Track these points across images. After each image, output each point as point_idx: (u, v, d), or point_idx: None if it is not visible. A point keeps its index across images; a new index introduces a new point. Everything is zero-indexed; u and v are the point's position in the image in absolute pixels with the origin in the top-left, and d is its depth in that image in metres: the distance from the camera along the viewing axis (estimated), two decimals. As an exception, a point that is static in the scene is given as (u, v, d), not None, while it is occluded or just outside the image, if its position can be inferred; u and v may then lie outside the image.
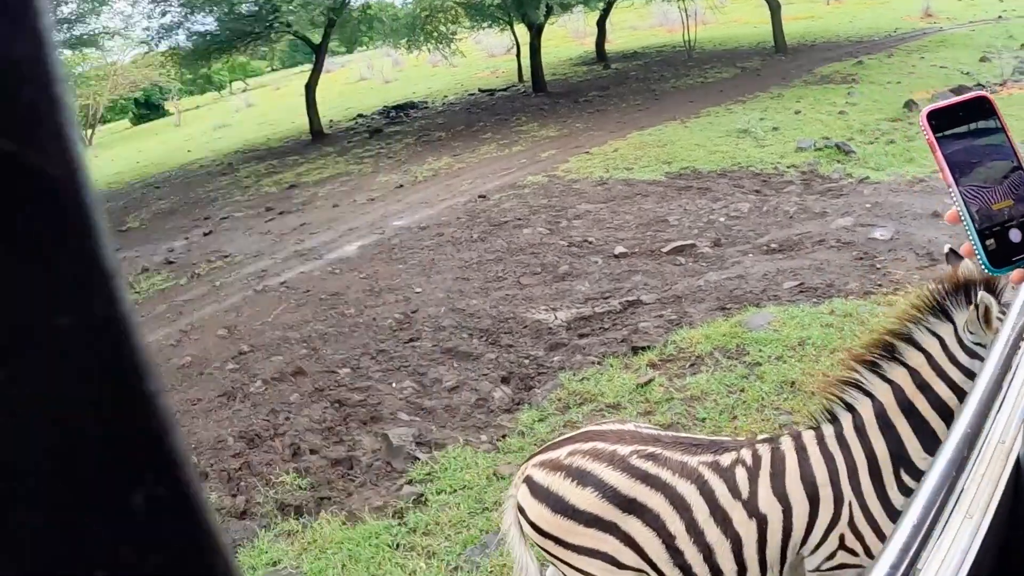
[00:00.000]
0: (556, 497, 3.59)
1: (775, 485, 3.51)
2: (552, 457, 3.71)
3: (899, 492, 3.43)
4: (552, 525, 3.61)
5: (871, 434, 3.44)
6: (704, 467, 3.59)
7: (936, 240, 9.79)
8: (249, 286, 12.04)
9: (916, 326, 3.38)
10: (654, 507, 3.53)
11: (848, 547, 3.49)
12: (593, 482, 3.55)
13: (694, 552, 3.52)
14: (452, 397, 7.88)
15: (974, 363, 3.24)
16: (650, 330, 8.50)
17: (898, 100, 18.43)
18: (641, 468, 3.57)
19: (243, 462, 7.06)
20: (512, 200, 14.36)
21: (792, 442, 3.62)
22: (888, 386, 3.40)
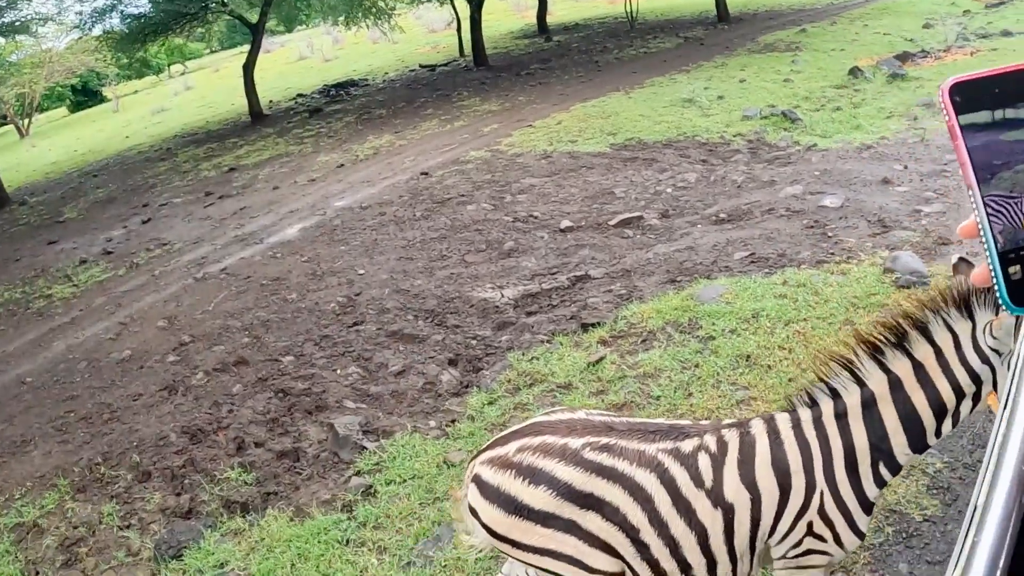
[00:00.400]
0: (508, 497, 3.38)
1: (743, 472, 3.32)
2: (500, 454, 3.49)
3: (874, 485, 3.32)
4: (507, 527, 3.40)
5: (853, 424, 3.29)
6: (664, 455, 3.39)
7: (887, 207, 9.73)
8: (189, 274, 11.75)
9: (935, 316, 3.20)
10: (613, 500, 3.33)
11: (816, 533, 3.34)
12: (546, 479, 3.34)
13: (660, 545, 3.34)
14: (399, 382, 7.65)
15: (983, 368, 3.11)
16: (599, 306, 8.30)
17: (843, 67, 18.45)
18: (596, 461, 3.37)
19: (187, 459, 6.80)
20: (455, 176, 14.14)
21: (764, 425, 3.43)
22: (885, 376, 3.25)
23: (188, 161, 21.95)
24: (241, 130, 25.25)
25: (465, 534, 3.71)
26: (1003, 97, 1.07)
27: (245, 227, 13.69)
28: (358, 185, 15.01)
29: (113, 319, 10.57)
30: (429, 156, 16.24)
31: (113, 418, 7.79)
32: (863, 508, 3.31)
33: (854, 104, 15.53)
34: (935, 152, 11.85)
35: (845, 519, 3.30)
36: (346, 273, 10.48)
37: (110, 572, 5.69)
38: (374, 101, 25.43)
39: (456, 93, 23.74)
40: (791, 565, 3.44)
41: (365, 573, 5.25)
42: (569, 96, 19.93)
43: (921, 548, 4.76)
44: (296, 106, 27.97)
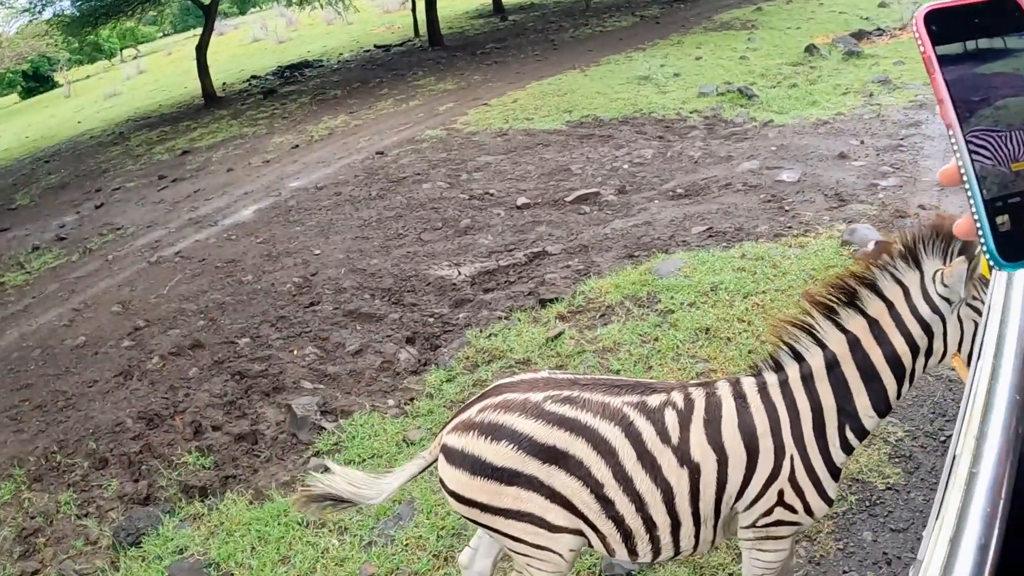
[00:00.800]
0: (472, 458, 3.30)
1: (709, 433, 3.25)
2: (464, 419, 3.42)
3: (842, 451, 3.27)
4: (472, 489, 3.33)
5: (819, 386, 3.23)
6: (629, 407, 3.31)
7: (843, 181, 9.75)
8: (143, 258, 11.61)
9: (882, 272, 3.15)
10: (576, 453, 3.26)
11: (787, 503, 3.28)
12: (507, 434, 3.27)
13: (625, 502, 3.27)
14: (356, 361, 7.57)
15: (934, 318, 3.08)
16: (557, 281, 8.25)
17: (798, 45, 18.46)
18: (557, 413, 3.29)
19: (144, 444, 6.72)
20: (410, 155, 14.04)
21: (730, 388, 3.36)
22: (843, 336, 3.20)
23: (141, 145, 21.71)
24: (194, 113, 25.00)
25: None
26: (981, 27, 0.98)
27: (199, 210, 13.53)
28: (313, 166, 14.88)
29: (67, 305, 10.42)
30: (384, 136, 16.12)
31: (68, 405, 7.68)
32: (831, 474, 3.27)
33: (810, 81, 15.53)
34: (891, 127, 11.89)
35: (815, 486, 3.25)
36: (302, 254, 10.38)
37: (69, 562, 5.59)
38: (329, 82, 25.26)
39: (411, 73, 23.62)
40: (760, 535, 3.39)
41: (326, 554, 5.19)
42: (525, 75, 19.88)
43: (884, 516, 4.75)
44: (250, 88, 27.74)
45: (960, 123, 0.95)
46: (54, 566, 5.57)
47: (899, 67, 15.50)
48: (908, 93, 13.55)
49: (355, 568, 5.01)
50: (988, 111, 0.95)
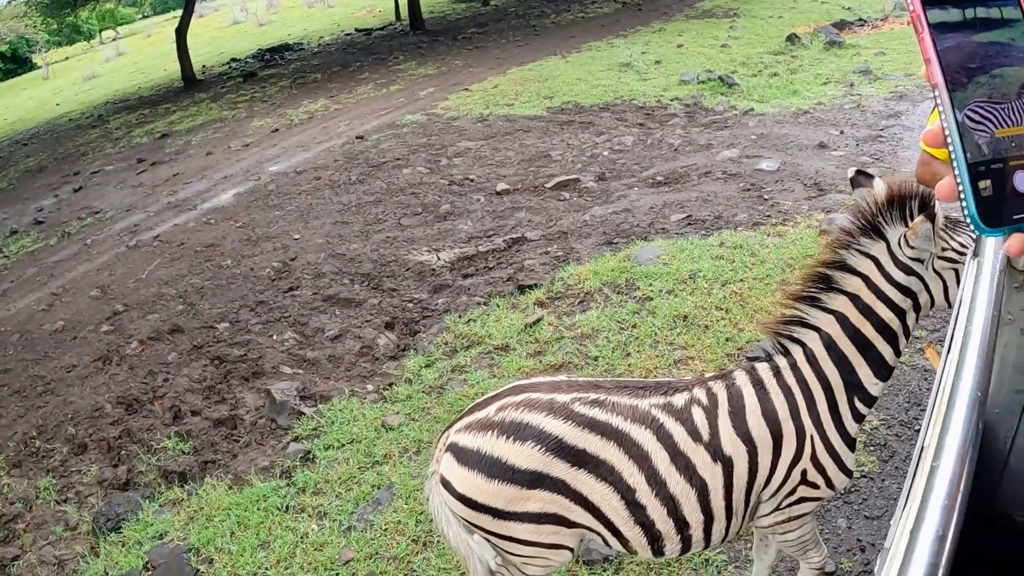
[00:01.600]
0: (490, 460, 3.14)
1: (736, 424, 3.23)
2: (479, 418, 3.26)
3: (854, 421, 3.30)
4: (488, 494, 3.16)
5: (824, 365, 3.24)
6: (657, 410, 3.24)
7: (823, 170, 9.79)
8: (122, 242, 11.53)
9: (847, 251, 3.17)
10: (608, 458, 3.15)
11: (810, 481, 3.31)
12: (533, 435, 3.12)
13: (657, 506, 3.19)
14: (335, 346, 7.57)
15: (910, 280, 3.11)
16: (536, 267, 8.27)
17: (780, 34, 18.52)
18: (587, 415, 3.17)
19: (123, 429, 6.69)
20: (391, 140, 14.00)
21: (747, 376, 3.34)
22: (832, 316, 3.22)
23: (120, 128, 21.56)
24: (174, 96, 24.83)
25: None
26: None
27: (178, 194, 13.45)
28: (293, 150, 14.81)
29: (45, 290, 10.37)
30: (365, 120, 16.06)
31: (47, 390, 7.64)
32: (848, 446, 3.30)
33: (791, 70, 15.59)
34: (871, 118, 11.95)
35: (835, 461, 3.28)
36: (281, 238, 10.34)
37: (48, 547, 5.58)
38: (309, 65, 25.14)
39: (392, 57, 23.53)
40: (783, 516, 3.41)
41: (305, 539, 5.20)
42: (506, 60, 19.83)
43: (859, 504, 4.80)
44: (230, 71, 27.57)
45: (947, 87, 0.95)
46: (34, 552, 5.56)
47: (880, 58, 15.57)
48: (889, 84, 13.62)
49: (334, 553, 5.02)
50: (984, 79, 0.94)
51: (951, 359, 1.45)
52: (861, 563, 4.40)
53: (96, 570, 5.25)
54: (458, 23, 28.59)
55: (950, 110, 0.93)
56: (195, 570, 5.11)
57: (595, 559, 4.59)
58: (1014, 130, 0.94)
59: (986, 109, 0.94)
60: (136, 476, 6.15)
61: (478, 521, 3.26)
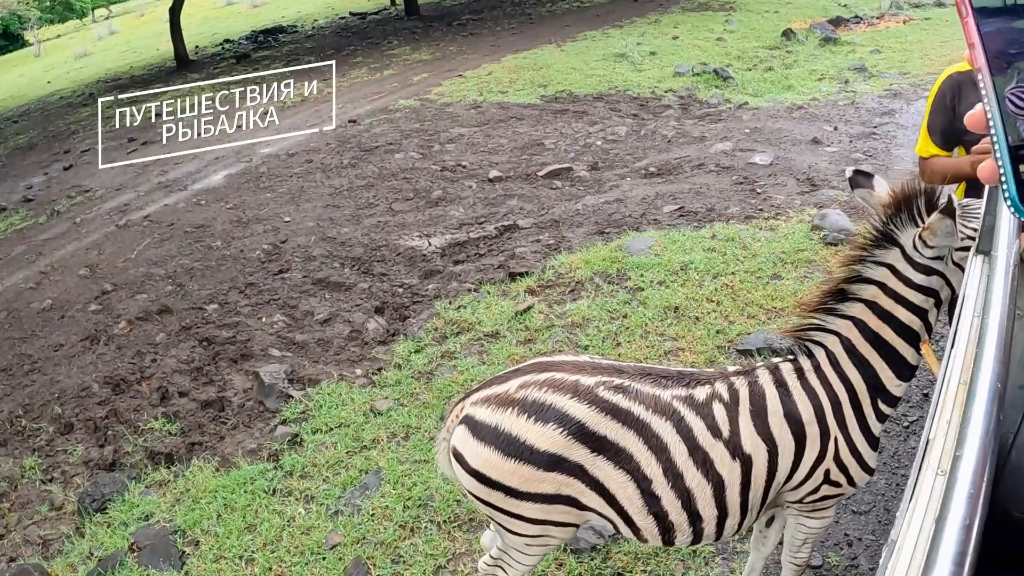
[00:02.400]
0: (508, 437, 3.08)
1: (757, 424, 3.19)
2: (498, 392, 3.19)
3: (877, 421, 3.27)
4: (503, 472, 3.11)
5: (846, 367, 3.21)
6: (679, 402, 3.19)
7: (816, 166, 9.80)
8: (111, 221, 11.48)
9: (862, 265, 3.13)
10: (628, 447, 3.11)
11: (833, 480, 3.28)
12: (556, 416, 3.06)
13: (672, 498, 3.15)
14: (325, 330, 7.55)
15: (930, 279, 3.06)
16: (527, 255, 8.25)
17: (776, 29, 18.55)
18: (611, 401, 3.11)
19: (110, 409, 6.66)
20: (383, 125, 13.97)
21: (770, 376, 3.30)
22: (849, 322, 3.18)
23: (111, 106, 21.45)
24: (166, 75, 24.68)
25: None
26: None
27: (168, 174, 13.39)
28: (285, 132, 14.76)
29: (33, 268, 10.30)
30: (358, 104, 16.03)
31: (34, 369, 7.61)
32: (871, 446, 3.28)
33: (786, 65, 15.61)
34: (865, 115, 11.98)
35: (857, 461, 3.26)
36: (272, 220, 10.31)
37: (33, 527, 5.55)
38: (303, 48, 25.04)
39: (386, 42, 23.46)
40: (806, 510, 3.41)
41: (292, 523, 5.18)
42: (501, 47, 19.80)
43: (847, 499, 4.80)
44: (223, 52, 27.43)
45: (990, 70, 0.93)
46: (19, 531, 5.53)
47: (875, 56, 15.59)
48: (883, 82, 13.64)
49: (321, 537, 5.00)
50: (1022, 64, 0.94)
51: (957, 353, 1.44)
52: (848, 557, 4.41)
53: (81, 550, 5.22)
54: (453, 9, 28.53)
55: (993, 94, 0.92)
56: (181, 552, 5.08)
57: (583, 548, 4.58)
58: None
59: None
60: (122, 457, 6.11)
61: (488, 497, 3.20)
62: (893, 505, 4.74)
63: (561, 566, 4.54)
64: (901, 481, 4.90)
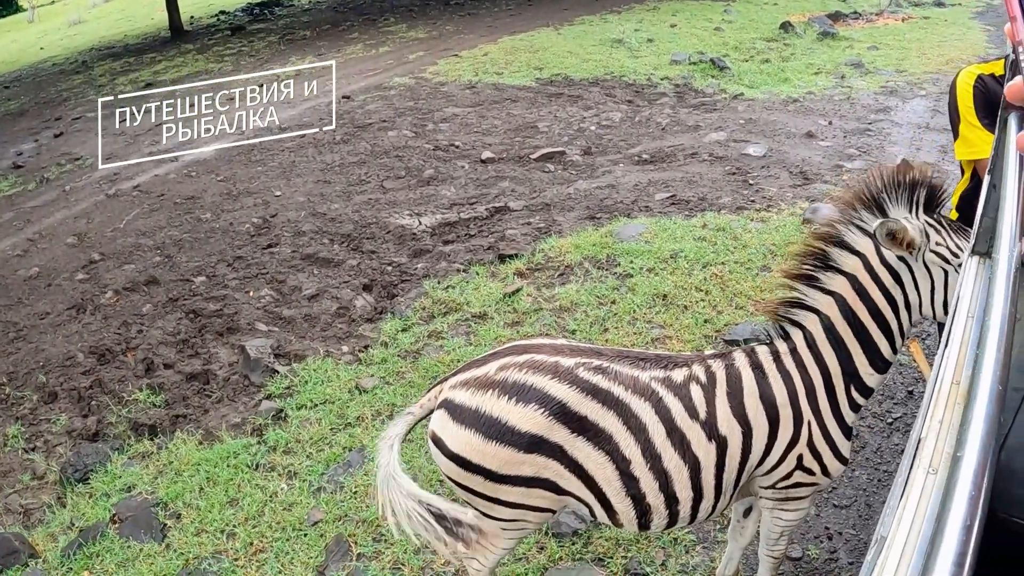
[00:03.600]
0: (489, 419, 3.07)
1: (733, 405, 3.20)
2: (477, 375, 3.18)
3: (851, 409, 3.27)
4: (484, 455, 3.09)
5: (823, 350, 3.22)
6: (657, 383, 3.20)
7: (809, 159, 9.83)
8: (101, 190, 11.45)
9: (847, 226, 3.12)
10: (607, 428, 3.11)
11: (806, 467, 3.29)
12: (537, 397, 3.06)
13: (650, 479, 3.15)
14: (312, 306, 7.54)
15: (901, 266, 3.06)
16: (518, 238, 8.25)
17: (774, 21, 18.57)
18: (591, 382, 3.12)
19: (94, 379, 6.65)
20: (377, 102, 13.94)
21: (747, 359, 3.31)
22: (831, 299, 3.18)
23: (104, 75, 21.32)
24: (160, 45, 24.60)
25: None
26: None
27: (160, 144, 13.33)
28: (278, 106, 14.70)
29: (21, 235, 10.28)
30: (352, 80, 15.97)
31: (19, 337, 7.58)
32: (844, 434, 3.27)
33: (783, 58, 15.61)
34: (860, 111, 11.98)
35: (831, 448, 3.26)
36: (262, 194, 10.29)
37: (15, 496, 5.54)
38: (298, 22, 24.98)
39: (383, 18, 23.40)
40: (779, 496, 3.41)
41: (275, 498, 5.18)
42: (497, 28, 19.77)
43: (828, 493, 4.82)
44: (218, 23, 27.36)
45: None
46: (0, 499, 5.52)
47: (873, 52, 15.60)
48: (880, 79, 13.65)
49: (303, 513, 5.00)
50: None
51: (951, 353, 1.44)
52: (828, 551, 4.42)
53: (62, 520, 5.21)
54: (451, -12, 28.48)
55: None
56: (162, 524, 5.07)
57: (564, 532, 4.59)
58: None
59: None
60: (106, 427, 6.11)
61: (467, 482, 3.19)
62: (874, 500, 4.76)
63: (542, 550, 4.55)
64: (883, 477, 4.92)
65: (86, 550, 4.87)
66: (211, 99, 13.15)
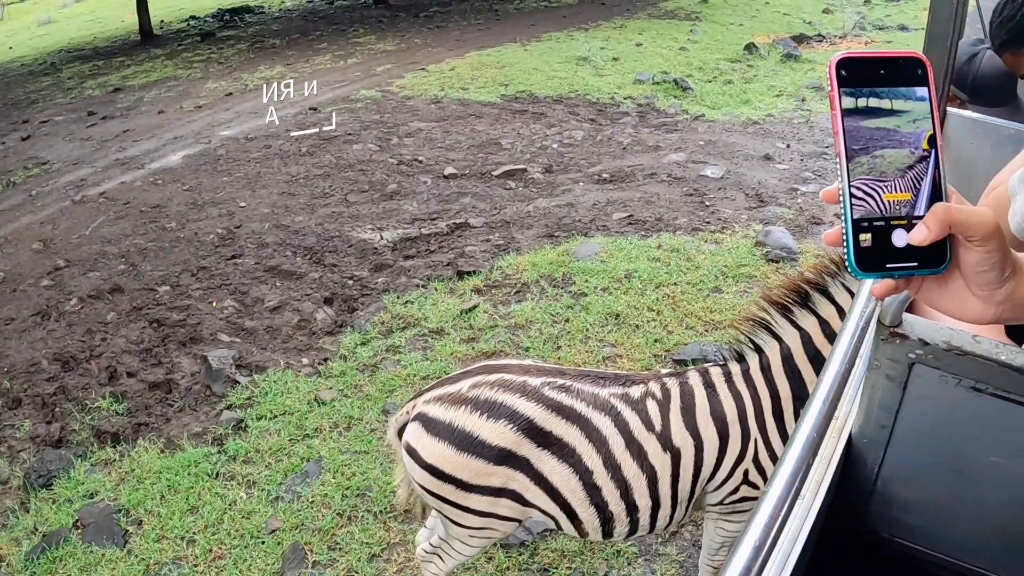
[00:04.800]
0: (462, 433, 3.32)
1: (686, 420, 3.44)
2: (451, 391, 3.44)
3: None
4: (456, 465, 3.34)
5: (776, 376, 3.44)
6: (616, 399, 3.46)
7: (765, 182, 10.01)
8: (67, 196, 11.43)
9: (832, 279, 3.35)
10: (571, 441, 3.37)
11: (751, 482, 3.49)
12: (507, 414, 3.33)
13: (611, 488, 3.39)
14: (274, 318, 7.66)
15: None
16: (476, 254, 8.41)
17: (739, 41, 18.70)
18: (555, 399, 3.39)
19: (58, 386, 6.73)
20: (344, 114, 14.00)
21: (700, 378, 3.55)
22: (797, 332, 3.41)
23: (73, 78, 21.20)
24: (129, 49, 24.48)
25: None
26: (886, 78, 1.16)
27: (127, 151, 13.34)
28: (245, 115, 14.76)
29: (-15, 240, 10.29)
30: (320, 92, 16.03)
31: (-17, 342, 7.66)
32: None
33: (746, 79, 15.78)
34: (818, 134, 12.19)
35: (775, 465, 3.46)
36: (227, 205, 10.37)
37: (-22, 501, 5.64)
38: (268, 30, 24.97)
39: (352, 29, 23.41)
40: (726, 511, 3.61)
41: (234, 506, 5.32)
42: (465, 43, 19.84)
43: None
44: (188, 28, 27.26)
45: (847, 156, 1.14)
46: (-38, 503, 5.61)
47: (834, 75, 15.80)
48: (839, 102, 13.84)
49: (261, 521, 5.15)
50: (866, 159, 1.14)
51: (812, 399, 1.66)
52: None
53: (26, 525, 5.31)
54: (421, 0, 28.53)
55: (846, 174, 1.14)
56: (124, 531, 5.20)
57: (511, 543, 4.76)
58: (898, 196, 1.14)
59: (872, 179, 1.14)
60: (69, 434, 6.19)
61: (440, 491, 3.42)
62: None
63: (490, 560, 4.72)
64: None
65: (49, 555, 4.98)
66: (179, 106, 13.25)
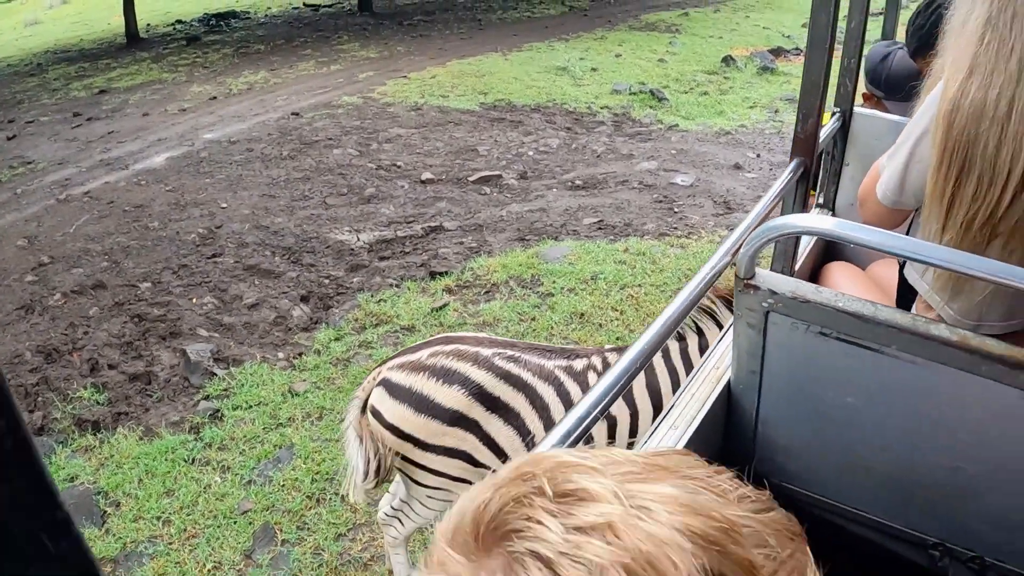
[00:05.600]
0: (420, 396, 3.64)
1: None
2: (412, 359, 3.75)
3: None
4: (414, 425, 3.66)
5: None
6: (560, 371, 3.77)
7: (733, 190, 10.24)
8: (52, 195, 11.55)
9: None
10: (516, 407, 3.68)
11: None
12: (459, 380, 3.64)
13: None
14: (252, 314, 7.85)
15: None
16: (449, 256, 8.64)
17: (717, 54, 18.83)
18: (504, 368, 3.69)
19: (40, 377, 6.89)
20: (325, 119, 14.20)
21: None
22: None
23: (58, 79, 21.24)
24: (115, 52, 24.49)
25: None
26: None
27: (111, 152, 13.47)
28: (229, 119, 14.89)
29: (-30, 237, 10.43)
30: (302, 97, 16.17)
31: (-33, 335, 7.81)
32: None
33: (721, 91, 15.95)
34: (788, 144, 12.33)
35: None
36: (209, 205, 10.54)
37: (-37, 485, 5.81)
38: (253, 35, 25.05)
39: (336, 36, 23.50)
40: None
41: (208, 489, 5.54)
42: (447, 51, 20.00)
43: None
44: (174, 32, 27.31)
45: None
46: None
47: (807, 87, 16.02)
48: (810, 113, 14.06)
49: (234, 503, 5.38)
50: None
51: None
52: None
53: (7, 508, 5.53)
54: (406, 8, 28.59)
55: None
56: (102, 512, 5.40)
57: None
58: None
59: None
60: (51, 422, 6.36)
61: (400, 448, 3.73)
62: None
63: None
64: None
65: (30, 533, 5.20)
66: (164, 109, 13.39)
